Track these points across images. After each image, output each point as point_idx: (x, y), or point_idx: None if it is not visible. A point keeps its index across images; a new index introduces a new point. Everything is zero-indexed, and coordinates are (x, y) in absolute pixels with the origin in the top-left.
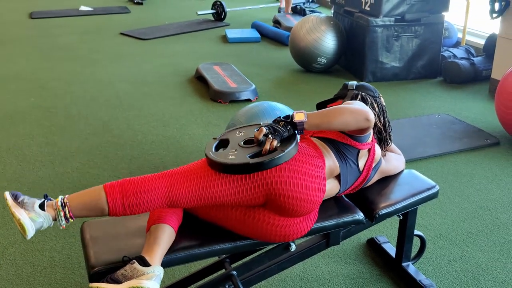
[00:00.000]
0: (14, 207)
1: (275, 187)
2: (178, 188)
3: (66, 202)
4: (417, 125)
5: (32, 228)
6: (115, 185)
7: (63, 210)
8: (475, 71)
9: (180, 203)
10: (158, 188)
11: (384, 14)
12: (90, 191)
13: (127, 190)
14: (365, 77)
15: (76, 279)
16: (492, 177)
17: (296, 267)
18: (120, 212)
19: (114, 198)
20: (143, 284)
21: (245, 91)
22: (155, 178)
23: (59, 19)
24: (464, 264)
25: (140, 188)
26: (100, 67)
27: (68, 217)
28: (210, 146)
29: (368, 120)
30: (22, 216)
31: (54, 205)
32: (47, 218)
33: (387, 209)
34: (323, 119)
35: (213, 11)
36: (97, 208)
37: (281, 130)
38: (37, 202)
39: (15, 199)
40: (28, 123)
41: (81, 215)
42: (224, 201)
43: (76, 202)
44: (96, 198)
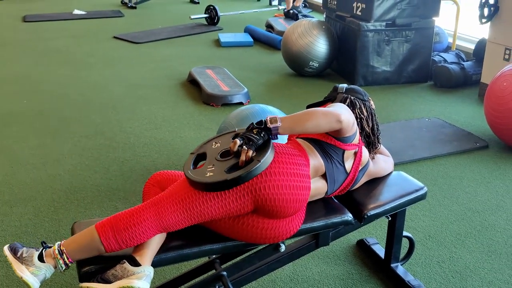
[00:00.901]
0: (15, 264)
1: (260, 193)
2: (166, 214)
3: (63, 249)
4: (407, 128)
5: (36, 282)
6: (106, 224)
7: (62, 257)
8: (465, 75)
9: (172, 227)
10: (147, 219)
11: (375, 19)
12: (83, 234)
13: (118, 227)
14: (356, 81)
15: (67, 279)
16: (480, 179)
17: (286, 268)
18: (116, 248)
19: (107, 237)
20: (133, 283)
21: (237, 95)
22: (142, 210)
23: (53, 22)
24: (452, 265)
25: (130, 223)
26: (93, 70)
27: (67, 263)
28: (188, 163)
29: (339, 122)
30: (24, 274)
31: (52, 254)
32: (48, 269)
33: (376, 210)
34: (296, 123)
35: (206, 15)
36: (93, 249)
37: (255, 138)
38: (36, 254)
39: (15, 253)
40: (20, 125)
41: (79, 258)
42: (214, 216)
43: (73, 247)
44: (90, 240)
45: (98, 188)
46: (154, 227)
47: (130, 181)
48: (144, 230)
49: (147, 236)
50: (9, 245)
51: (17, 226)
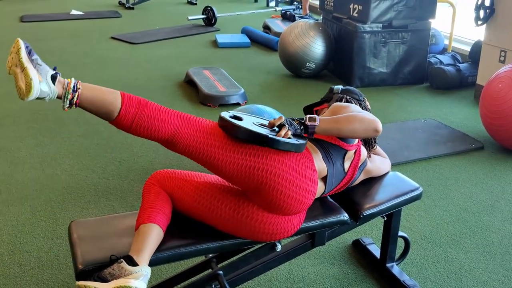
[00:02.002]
0: (27, 62)
1: (270, 178)
2: (186, 132)
3: (79, 88)
4: (403, 129)
5: (37, 92)
6: (133, 99)
7: (73, 93)
8: (460, 77)
9: (180, 146)
10: (170, 123)
11: (371, 21)
12: (106, 90)
13: (143, 110)
14: (353, 82)
15: (64, 279)
16: (476, 180)
17: (282, 267)
18: (126, 124)
19: (128, 110)
20: (130, 283)
21: (234, 95)
22: (171, 113)
23: (50, 23)
24: (447, 265)
25: (155, 115)
26: (91, 70)
27: (73, 102)
28: (225, 113)
29: (376, 131)
30: (33, 75)
31: (65, 84)
32: (53, 92)
33: (372, 210)
34: (334, 125)
35: (204, 16)
36: (106, 109)
37: (296, 126)
38: (50, 72)
39: (29, 54)
40: (17, 125)
41: (86, 108)
42: (218, 166)
43: (89, 93)
44: (110, 100)
45: (95, 188)
46: (169, 133)
47: (127, 180)
48: (160, 129)
49: (156, 135)
50: (24, 40)
51: (14, 225)
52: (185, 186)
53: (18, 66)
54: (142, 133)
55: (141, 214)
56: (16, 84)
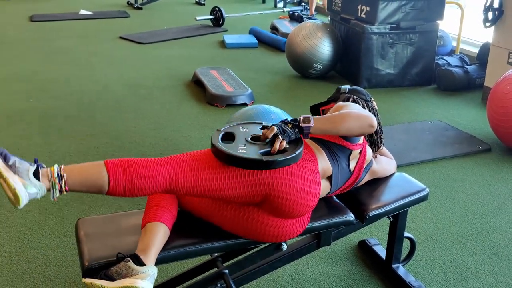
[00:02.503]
0: (6, 171)
1: (274, 188)
2: (181, 177)
3: (64, 174)
4: (410, 131)
5: (26, 199)
6: (118, 165)
7: (59, 183)
8: (468, 79)
9: (179, 191)
10: (162, 175)
11: (379, 22)
12: (89, 166)
13: (130, 173)
14: (360, 83)
15: (71, 276)
16: (482, 182)
17: (287, 267)
18: (119, 193)
19: (116, 179)
20: (137, 283)
21: (242, 95)
22: (159, 164)
23: (59, 22)
24: (453, 266)
25: (144, 173)
26: (99, 70)
27: (63, 190)
28: (216, 137)
29: (371, 126)
30: (17, 184)
31: (49, 176)
32: (42, 189)
33: (378, 211)
34: (329, 125)
35: (212, 16)
36: (96, 186)
37: (289, 131)
38: (31, 169)
39: (5, 160)
40: (26, 124)
41: (76, 190)
42: (223, 195)
43: (74, 175)
44: (96, 176)
45: None
46: (164, 184)
47: None
48: (154, 185)
49: (153, 191)
50: None
51: (21, 223)
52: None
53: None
54: (139, 194)
55: (147, 212)
56: (6, 194)
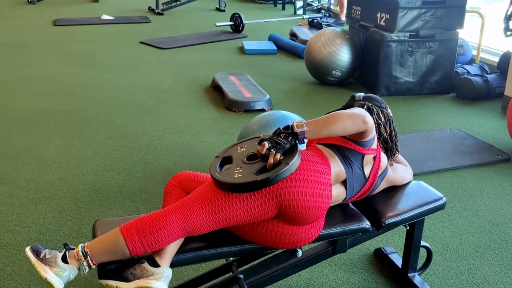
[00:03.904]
0: (39, 265)
1: (284, 198)
2: (192, 218)
3: (87, 251)
4: (428, 139)
5: (60, 284)
6: (131, 227)
7: (86, 259)
8: (488, 88)
9: (197, 231)
10: (173, 223)
11: (398, 30)
12: (107, 236)
13: (143, 230)
14: (378, 91)
15: (87, 277)
16: (501, 192)
17: (302, 273)
18: (141, 252)
19: (133, 240)
20: (152, 284)
21: (260, 101)
22: (168, 214)
23: (82, 27)
24: (470, 277)
25: (156, 226)
26: (119, 74)
27: (91, 265)
28: (214, 166)
29: (365, 122)
30: (48, 274)
31: (76, 256)
32: (72, 270)
33: (394, 219)
34: (322, 126)
35: (231, 23)
36: (118, 253)
37: (283, 142)
38: (59, 256)
39: (37, 255)
40: (47, 126)
41: (103, 261)
42: (239, 221)
43: (97, 249)
44: (115, 244)
45: (120, 189)
46: (180, 230)
47: (152, 183)
48: (169, 234)
49: (172, 239)
50: (30, 246)
51: (41, 223)
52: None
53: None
54: (159, 246)
55: None
56: None
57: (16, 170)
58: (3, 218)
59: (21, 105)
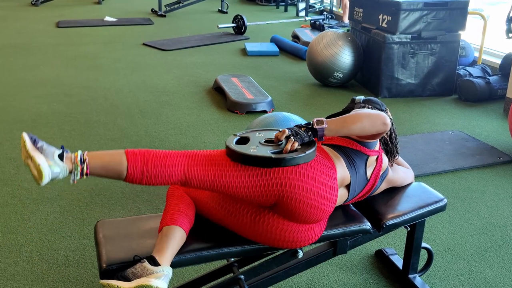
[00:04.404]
0: (33, 151)
1: (287, 190)
2: (196, 170)
3: (86, 158)
4: (430, 141)
5: (49, 175)
6: (138, 154)
7: (81, 165)
8: (490, 90)
9: (193, 184)
10: (178, 166)
11: (400, 31)
12: (111, 153)
13: (149, 161)
14: (380, 92)
15: (89, 277)
16: (503, 194)
17: (303, 275)
18: (137, 179)
19: (135, 166)
20: (151, 282)
21: (262, 103)
22: (176, 156)
23: (84, 28)
24: (471, 278)
25: (162, 162)
26: (122, 75)
27: (84, 173)
28: (230, 139)
29: (385, 124)
30: (41, 161)
31: (73, 158)
32: (64, 169)
33: (395, 220)
34: (342, 125)
35: (234, 24)
36: (115, 171)
37: (302, 134)
38: (57, 152)
39: (34, 143)
40: (49, 127)
41: (97, 174)
42: (236, 193)
43: (95, 160)
44: (117, 161)
45: (122, 190)
46: (180, 175)
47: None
48: (170, 174)
49: (169, 181)
50: (28, 133)
51: (43, 224)
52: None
53: (28, 157)
54: (155, 182)
55: (165, 216)
56: (31, 172)
57: (19, 172)
58: (6, 219)
59: (24, 107)
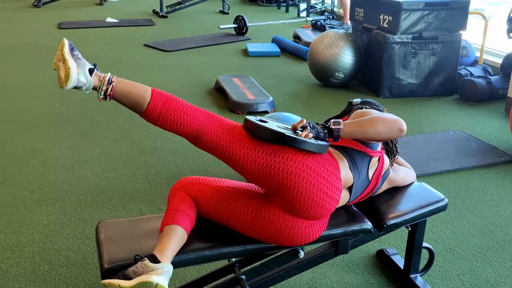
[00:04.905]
0: (69, 55)
1: (291, 178)
2: (211, 129)
3: (113, 81)
4: (431, 141)
5: (75, 81)
6: (162, 94)
7: (107, 86)
8: (491, 89)
9: (203, 141)
10: (196, 119)
11: (401, 32)
12: (138, 85)
13: (170, 104)
14: (381, 92)
15: (91, 278)
16: (504, 194)
17: (304, 275)
18: (154, 117)
19: (156, 104)
20: (152, 279)
21: (263, 103)
22: (197, 109)
23: (86, 30)
24: (472, 278)
25: (182, 109)
26: (124, 76)
27: (107, 94)
28: (251, 117)
29: (401, 131)
30: (72, 66)
31: (101, 77)
32: (90, 84)
33: (396, 220)
34: (357, 128)
35: (235, 25)
36: (137, 102)
37: (319, 129)
38: (88, 66)
39: (71, 50)
40: (51, 128)
41: (118, 99)
42: (239, 164)
43: (121, 86)
44: (141, 94)
45: (124, 191)
46: (194, 128)
47: (155, 184)
48: (186, 123)
49: (182, 129)
50: (68, 40)
51: (45, 225)
52: (208, 191)
53: (61, 61)
54: (169, 127)
55: (166, 216)
56: (58, 74)
57: (21, 172)
58: (8, 219)
59: (26, 107)
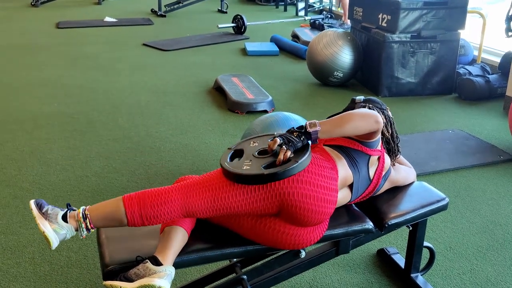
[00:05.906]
0: (39, 219)
1: (288, 198)
2: (193, 200)
3: (87, 214)
4: (430, 140)
5: (56, 240)
6: (133, 198)
7: (85, 221)
8: (490, 88)
9: (196, 214)
10: (175, 200)
11: (400, 31)
12: (109, 203)
13: (144, 203)
14: (380, 91)
15: (92, 278)
16: (504, 192)
17: (306, 274)
18: (138, 223)
19: (132, 210)
20: (154, 282)
21: (262, 103)
22: (171, 191)
23: (85, 29)
24: (473, 277)
25: (157, 201)
26: (122, 76)
27: (89, 228)
28: (225, 156)
29: (377, 122)
30: (46, 228)
31: (76, 216)
32: (70, 229)
33: (397, 219)
34: (335, 126)
35: (234, 24)
36: (116, 220)
37: (295, 140)
38: (60, 213)
39: (40, 209)
40: (51, 128)
41: (101, 226)
42: (238, 211)
43: (96, 213)
44: (115, 211)
45: (123, 191)
46: (179, 209)
47: (155, 184)
48: (169, 211)
49: (170, 217)
50: (35, 200)
51: None
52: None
53: None
54: (157, 222)
55: None
56: None
57: (20, 173)
58: (8, 220)
59: (25, 107)
